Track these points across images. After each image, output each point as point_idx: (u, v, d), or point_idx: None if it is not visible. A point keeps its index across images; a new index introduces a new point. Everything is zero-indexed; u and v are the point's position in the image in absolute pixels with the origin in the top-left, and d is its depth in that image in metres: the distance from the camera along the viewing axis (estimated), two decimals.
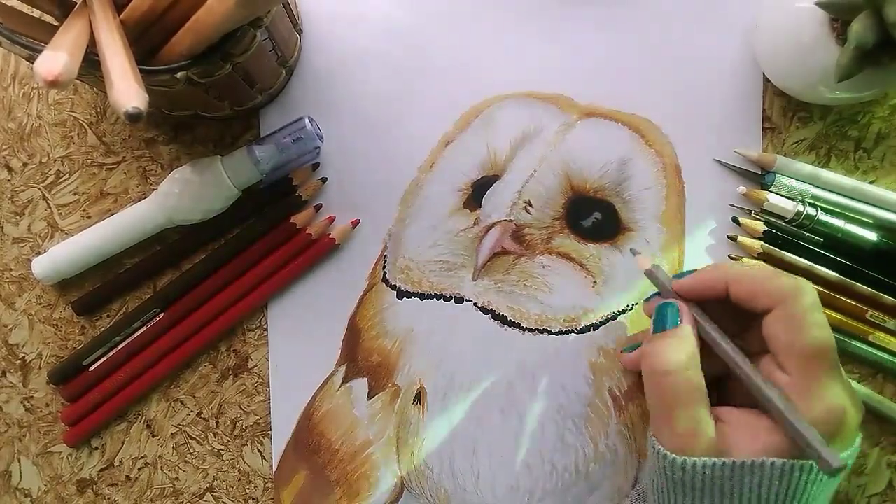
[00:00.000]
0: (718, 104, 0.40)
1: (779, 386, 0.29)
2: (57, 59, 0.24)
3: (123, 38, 0.27)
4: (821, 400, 0.28)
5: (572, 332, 0.39)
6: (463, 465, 0.38)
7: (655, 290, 0.35)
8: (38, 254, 0.39)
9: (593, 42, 0.40)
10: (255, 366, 0.40)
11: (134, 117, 0.24)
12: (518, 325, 0.39)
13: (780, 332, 0.29)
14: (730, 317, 0.32)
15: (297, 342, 0.40)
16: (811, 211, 0.38)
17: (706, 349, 0.31)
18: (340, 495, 0.39)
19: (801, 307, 0.29)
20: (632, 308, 0.39)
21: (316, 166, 0.40)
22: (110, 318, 0.40)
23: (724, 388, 0.33)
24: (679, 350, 0.30)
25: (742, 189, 0.39)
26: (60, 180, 0.40)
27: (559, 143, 0.39)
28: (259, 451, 0.40)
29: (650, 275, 0.34)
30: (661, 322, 0.32)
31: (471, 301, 0.39)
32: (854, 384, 0.38)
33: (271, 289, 0.39)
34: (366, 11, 0.40)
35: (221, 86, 0.33)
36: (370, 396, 0.39)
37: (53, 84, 0.24)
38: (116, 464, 0.40)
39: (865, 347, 0.38)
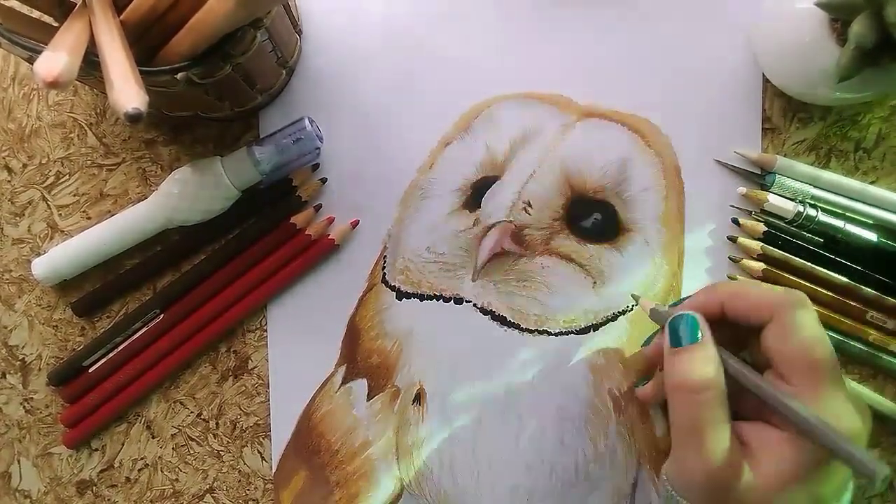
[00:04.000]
0: (718, 104, 0.40)
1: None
2: (57, 59, 0.24)
3: (123, 38, 0.27)
4: (829, 410, 0.27)
5: (572, 332, 0.39)
6: (462, 466, 0.38)
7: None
8: (38, 255, 0.39)
9: (593, 42, 0.40)
10: (254, 367, 0.40)
11: (134, 118, 0.24)
12: (518, 326, 0.39)
13: (778, 345, 0.29)
14: (727, 337, 0.31)
15: (297, 343, 0.40)
16: (811, 212, 0.38)
17: None
18: (340, 496, 0.39)
19: (796, 318, 0.28)
20: (631, 308, 0.39)
21: (316, 167, 0.40)
22: (110, 319, 0.40)
23: None
24: (708, 363, 0.29)
25: (742, 190, 0.39)
26: (60, 181, 0.40)
27: (559, 144, 0.39)
28: (259, 451, 0.40)
29: (654, 315, 0.34)
30: (678, 336, 0.31)
31: (470, 302, 0.39)
32: (853, 384, 0.38)
33: (271, 289, 0.39)
34: (366, 12, 0.40)
35: (221, 86, 0.33)
36: (370, 397, 0.39)
37: (53, 85, 0.24)
38: (116, 465, 0.40)
39: (866, 349, 0.38)
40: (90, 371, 0.39)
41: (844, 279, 0.38)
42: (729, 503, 0.28)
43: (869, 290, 0.38)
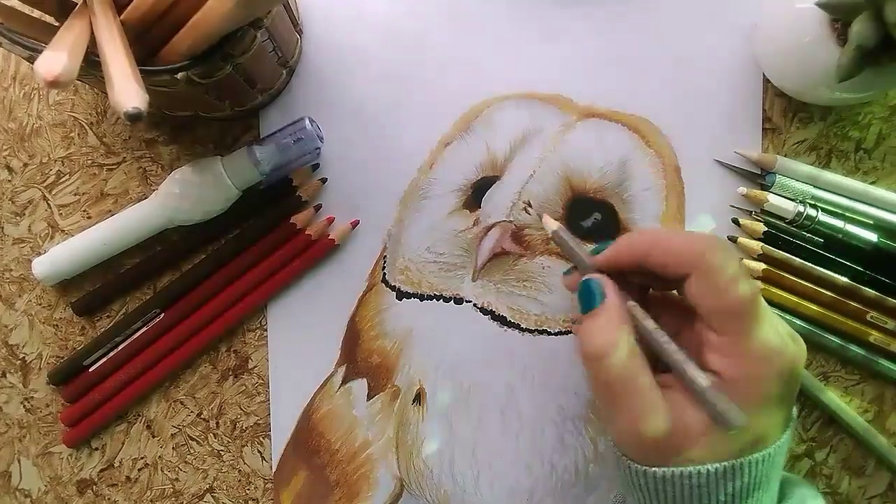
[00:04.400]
0: (718, 104, 0.40)
1: (714, 347, 0.28)
2: (57, 59, 0.24)
3: (124, 38, 0.27)
4: (759, 342, 0.27)
5: (572, 332, 0.39)
6: (462, 466, 0.38)
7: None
8: (39, 254, 0.39)
9: (593, 42, 0.40)
10: (255, 366, 0.40)
11: (134, 117, 0.24)
12: (518, 326, 0.39)
13: (701, 296, 0.28)
14: (657, 283, 0.30)
15: (297, 343, 0.40)
16: (811, 212, 0.38)
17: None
18: (340, 496, 0.39)
19: (716, 266, 0.28)
20: None
21: (316, 167, 0.40)
22: (110, 318, 0.40)
23: None
24: (608, 330, 0.28)
25: (742, 190, 0.39)
26: (61, 181, 0.40)
27: (559, 144, 0.39)
28: (259, 451, 0.40)
29: (556, 237, 0.33)
30: (588, 301, 0.30)
31: (470, 302, 0.39)
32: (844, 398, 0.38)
33: (271, 289, 0.39)
34: (366, 12, 0.40)
35: (222, 86, 0.33)
36: (370, 397, 0.39)
37: (53, 84, 0.24)
38: (116, 464, 0.40)
39: (864, 353, 0.38)
40: (90, 370, 0.39)
41: (845, 279, 0.38)
42: (669, 452, 0.28)
43: (869, 290, 0.38)
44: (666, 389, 0.29)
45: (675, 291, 0.33)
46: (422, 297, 0.39)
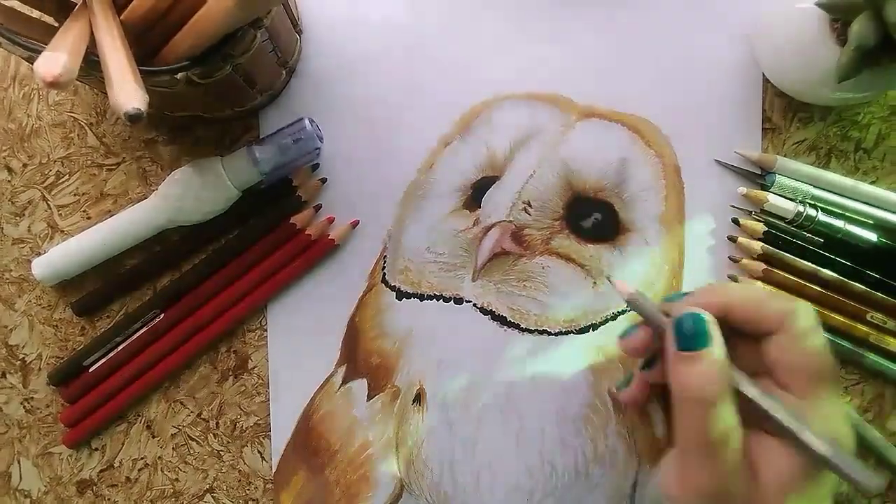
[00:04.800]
0: (718, 104, 0.40)
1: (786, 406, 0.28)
2: (57, 59, 0.24)
3: (123, 38, 0.27)
4: (823, 416, 0.27)
5: (571, 332, 0.39)
6: (462, 466, 0.38)
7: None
8: (38, 255, 0.39)
9: (593, 42, 0.40)
10: (254, 367, 0.40)
11: (134, 118, 0.24)
12: (518, 326, 0.39)
13: (783, 354, 0.28)
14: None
15: (297, 343, 0.40)
16: (811, 212, 0.38)
17: None
18: (340, 496, 0.39)
19: (804, 330, 0.28)
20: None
21: (316, 167, 0.40)
22: (110, 318, 0.40)
23: None
24: (721, 373, 0.27)
25: (742, 189, 0.39)
26: (60, 181, 0.40)
27: (558, 144, 0.39)
28: (259, 451, 0.40)
29: (632, 302, 0.30)
30: (687, 337, 0.28)
31: (470, 302, 0.39)
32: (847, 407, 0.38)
33: (271, 289, 0.39)
34: (366, 12, 0.40)
35: (222, 87, 0.33)
36: (370, 397, 0.39)
37: (53, 85, 0.24)
38: (116, 465, 0.40)
39: (864, 353, 0.38)
40: (90, 371, 0.39)
41: (844, 279, 0.38)
42: None
43: (869, 290, 0.38)
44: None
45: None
46: (422, 297, 0.39)
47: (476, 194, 0.40)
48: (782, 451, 0.28)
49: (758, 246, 0.38)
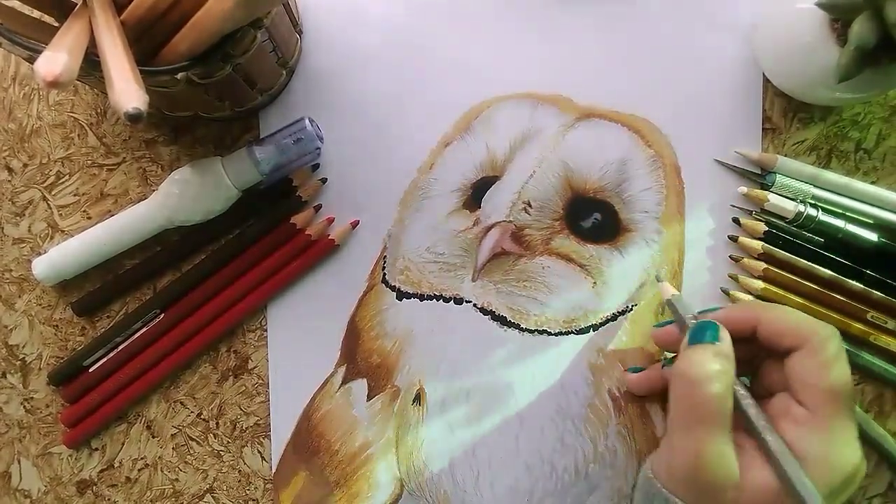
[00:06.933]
0: (718, 104, 0.40)
1: (798, 420, 0.29)
2: (57, 59, 0.24)
3: (124, 38, 0.27)
4: (837, 439, 0.28)
5: (571, 332, 0.39)
6: (462, 466, 0.38)
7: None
8: (39, 254, 0.39)
9: (593, 42, 0.40)
10: (255, 367, 0.40)
11: (134, 118, 0.24)
12: (517, 326, 0.39)
13: (804, 372, 0.29)
14: (739, 356, 0.31)
15: (297, 343, 0.40)
16: (812, 211, 0.38)
17: None
18: (340, 496, 0.39)
19: (830, 349, 0.29)
20: (631, 309, 0.39)
21: (316, 167, 0.40)
22: (110, 318, 0.40)
23: None
24: (718, 363, 0.29)
25: (743, 189, 0.39)
26: (61, 181, 0.40)
27: (558, 144, 0.39)
28: (259, 451, 0.40)
29: (670, 304, 0.34)
30: (699, 335, 0.31)
31: (470, 302, 0.39)
32: (860, 412, 0.38)
33: (271, 289, 0.39)
34: (366, 12, 0.40)
35: (221, 86, 0.33)
36: (370, 397, 0.39)
37: (53, 85, 0.24)
38: (116, 465, 0.40)
39: (864, 353, 0.38)
40: (90, 371, 0.39)
41: (845, 279, 0.38)
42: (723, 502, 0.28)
43: (869, 290, 0.38)
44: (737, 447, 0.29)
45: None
46: (422, 298, 0.39)
47: (476, 194, 0.40)
48: (766, 469, 0.29)
49: (758, 245, 0.38)
